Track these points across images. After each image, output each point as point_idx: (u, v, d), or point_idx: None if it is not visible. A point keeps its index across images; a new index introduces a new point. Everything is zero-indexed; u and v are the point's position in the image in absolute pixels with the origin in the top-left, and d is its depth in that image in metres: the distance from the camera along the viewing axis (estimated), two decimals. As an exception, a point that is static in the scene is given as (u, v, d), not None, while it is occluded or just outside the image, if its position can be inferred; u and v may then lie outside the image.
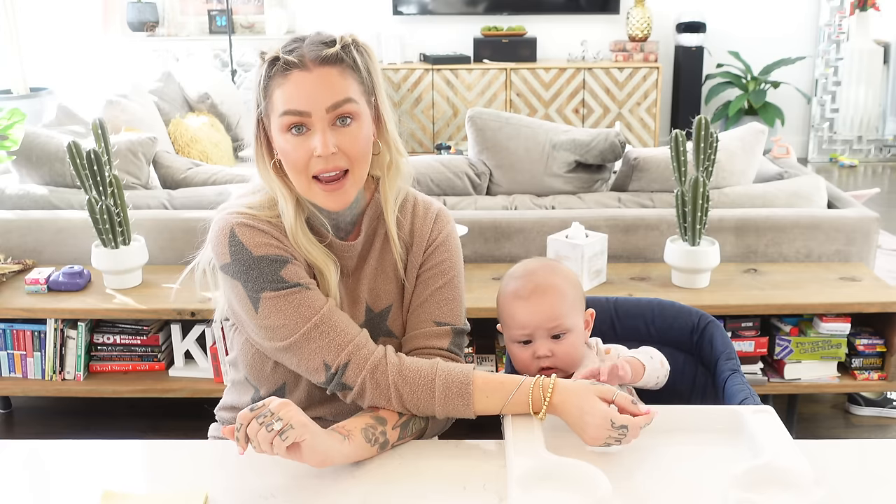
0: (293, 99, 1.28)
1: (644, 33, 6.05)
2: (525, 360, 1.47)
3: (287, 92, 1.28)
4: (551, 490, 1.17)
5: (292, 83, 1.28)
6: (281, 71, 1.29)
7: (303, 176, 1.31)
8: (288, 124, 1.29)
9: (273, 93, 1.29)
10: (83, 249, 2.77)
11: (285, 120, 1.29)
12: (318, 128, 1.28)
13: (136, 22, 6.12)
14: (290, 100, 1.28)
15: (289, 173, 1.33)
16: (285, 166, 1.33)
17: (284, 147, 1.30)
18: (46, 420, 2.89)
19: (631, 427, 1.25)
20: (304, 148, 1.29)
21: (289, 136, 1.30)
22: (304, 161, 1.30)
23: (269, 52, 1.30)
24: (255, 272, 1.32)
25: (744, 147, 2.96)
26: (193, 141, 4.07)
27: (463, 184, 2.96)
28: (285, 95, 1.28)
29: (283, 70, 1.28)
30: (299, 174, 1.31)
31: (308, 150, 1.29)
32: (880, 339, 2.58)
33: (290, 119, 1.28)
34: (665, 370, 1.51)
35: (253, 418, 1.17)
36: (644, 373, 1.46)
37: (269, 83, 1.30)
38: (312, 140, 1.29)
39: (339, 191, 1.32)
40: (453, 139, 6.04)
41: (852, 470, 1.28)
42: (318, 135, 1.28)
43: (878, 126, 6.24)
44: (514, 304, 1.48)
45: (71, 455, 1.33)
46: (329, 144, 1.28)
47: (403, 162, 1.41)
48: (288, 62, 1.28)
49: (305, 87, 1.28)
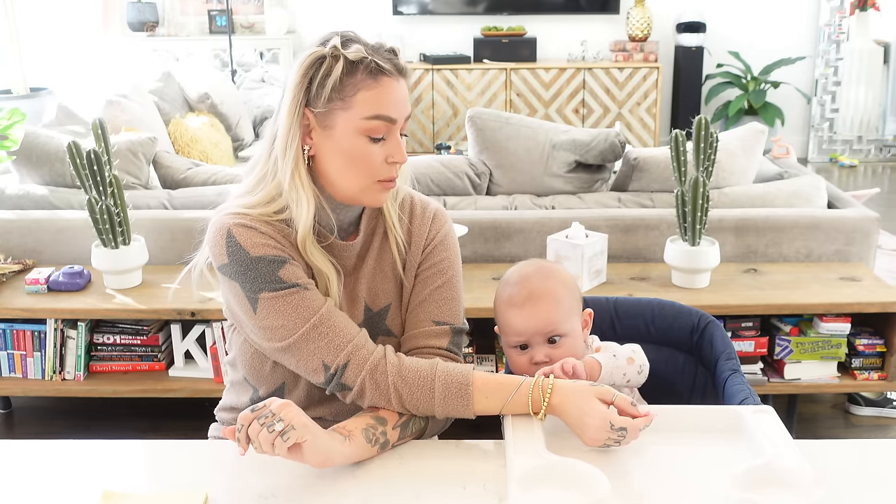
0: (387, 105, 1.30)
1: (644, 33, 6.05)
2: (523, 365, 1.47)
3: (379, 97, 1.29)
4: (551, 490, 1.17)
5: (385, 89, 1.30)
6: (371, 74, 1.29)
7: (366, 178, 1.33)
8: (375, 129, 1.30)
9: (356, 94, 1.29)
10: (83, 249, 2.77)
11: (373, 124, 1.30)
12: (395, 135, 1.33)
13: (136, 22, 6.12)
14: (384, 106, 1.30)
15: (344, 172, 1.33)
16: (345, 167, 1.32)
17: (356, 149, 1.31)
18: (46, 420, 2.89)
19: (630, 429, 1.25)
20: (383, 153, 1.32)
21: (365, 139, 1.31)
22: (377, 165, 1.33)
23: (350, 51, 1.29)
24: (252, 273, 1.32)
25: (744, 147, 2.96)
26: (193, 141, 4.07)
27: (463, 184, 2.96)
28: (377, 100, 1.29)
29: (373, 73, 1.29)
30: (363, 176, 1.33)
31: (384, 155, 1.32)
32: (880, 339, 2.58)
33: (379, 124, 1.30)
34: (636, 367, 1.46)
35: (254, 419, 1.17)
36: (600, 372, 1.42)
37: (349, 81, 1.29)
38: (389, 147, 1.33)
39: (390, 190, 1.37)
40: (453, 139, 6.04)
41: (852, 470, 1.28)
42: (396, 143, 1.33)
43: (878, 126, 6.24)
44: (509, 312, 1.47)
45: (71, 455, 1.33)
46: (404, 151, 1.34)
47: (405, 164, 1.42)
48: (381, 67, 1.29)
49: (397, 96, 1.31)
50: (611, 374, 1.43)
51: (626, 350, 1.48)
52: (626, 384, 1.46)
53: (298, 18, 6.23)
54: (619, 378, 1.44)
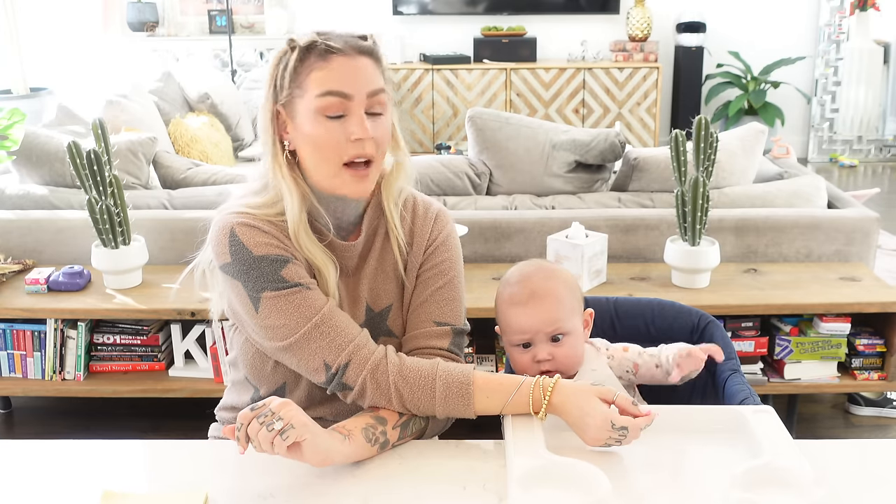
0: (337, 80, 1.28)
1: (644, 33, 6.05)
2: (525, 364, 1.47)
3: (329, 74, 1.28)
4: (551, 490, 1.17)
5: (335, 66, 1.29)
6: (321, 55, 1.29)
7: (333, 161, 1.31)
8: (328, 106, 1.29)
9: (308, 77, 1.29)
10: (83, 249, 2.77)
11: (324, 101, 1.28)
12: (356, 112, 1.30)
13: (136, 22, 6.12)
14: (333, 81, 1.28)
15: (313, 161, 1.33)
16: (311, 153, 1.32)
17: (316, 131, 1.30)
18: (46, 420, 2.89)
19: (631, 428, 1.25)
20: (341, 131, 1.29)
21: (323, 119, 1.29)
22: (338, 145, 1.30)
23: (301, 39, 1.30)
24: (255, 272, 1.32)
25: (744, 147, 2.96)
26: (193, 141, 4.07)
27: (463, 184, 2.96)
28: (327, 78, 1.28)
29: (322, 54, 1.29)
30: (329, 159, 1.31)
31: (344, 133, 1.29)
32: (880, 339, 2.58)
33: (330, 101, 1.28)
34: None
35: (253, 418, 1.17)
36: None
37: (301, 68, 1.30)
38: (349, 124, 1.29)
39: (365, 177, 1.33)
40: (453, 139, 6.04)
41: (852, 470, 1.28)
42: (355, 118, 1.29)
43: (878, 126, 6.24)
44: (512, 311, 1.47)
45: (71, 455, 1.33)
46: (368, 128, 1.29)
47: (407, 161, 1.42)
48: (330, 47, 1.28)
49: (349, 71, 1.29)
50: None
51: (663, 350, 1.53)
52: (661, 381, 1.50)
53: (298, 18, 6.23)
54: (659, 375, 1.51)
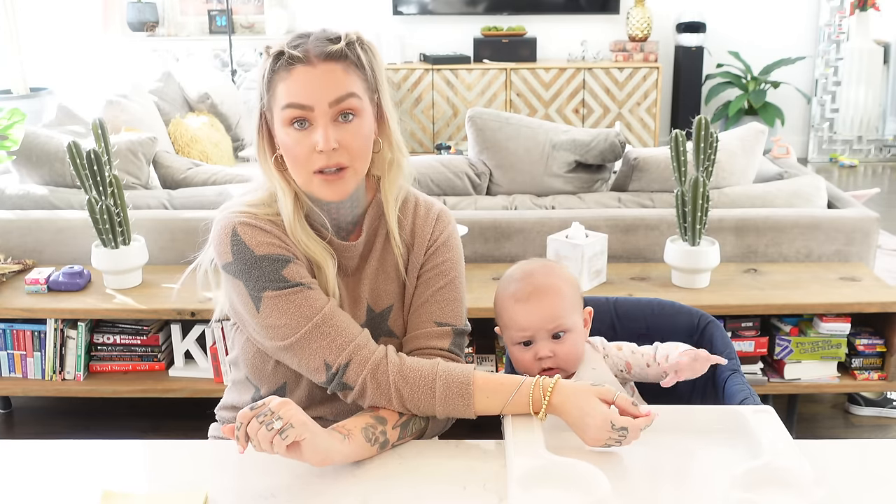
0: (296, 93, 1.28)
1: (644, 33, 6.05)
2: (526, 361, 1.47)
3: (290, 86, 1.29)
4: (551, 490, 1.17)
5: (296, 77, 1.28)
6: (285, 65, 1.29)
7: (304, 170, 1.31)
8: (290, 118, 1.29)
9: (276, 86, 1.30)
10: (83, 249, 2.77)
11: (287, 113, 1.29)
12: (319, 123, 1.29)
13: (136, 22, 6.12)
14: (293, 93, 1.28)
15: (289, 167, 1.34)
16: (286, 160, 1.33)
17: (286, 141, 1.31)
18: (46, 420, 2.89)
19: (631, 429, 1.25)
20: (306, 143, 1.29)
21: (291, 129, 1.30)
22: (306, 155, 1.30)
23: (274, 47, 1.31)
24: (256, 271, 1.32)
25: (744, 147, 2.96)
26: (193, 141, 4.07)
27: (463, 184, 2.96)
28: (288, 89, 1.29)
29: (287, 64, 1.29)
30: (300, 168, 1.31)
31: (310, 144, 1.29)
32: (880, 339, 2.58)
33: (293, 112, 1.29)
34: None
35: (253, 417, 1.17)
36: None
37: (273, 77, 1.30)
38: (314, 135, 1.29)
39: (338, 180, 1.32)
40: (453, 139, 6.04)
41: (852, 470, 1.28)
42: (319, 130, 1.28)
43: (878, 126, 6.24)
44: (514, 307, 1.47)
45: (71, 455, 1.33)
46: (330, 140, 1.28)
47: (405, 161, 1.42)
48: (292, 57, 1.28)
49: (309, 82, 1.28)
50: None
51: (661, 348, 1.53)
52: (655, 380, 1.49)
53: (298, 18, 6.23)
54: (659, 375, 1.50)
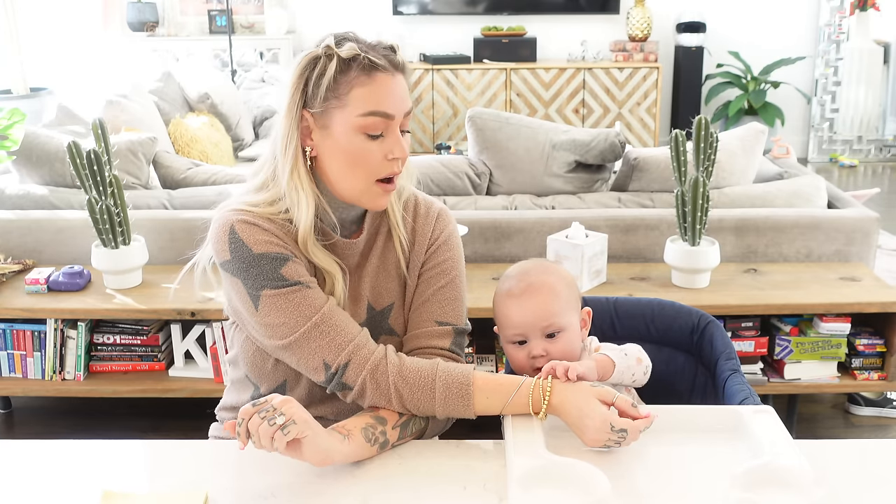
0: (382, 101, 1.29)
1: (644, 33, 6.05)
2: (521, 360, 1.47)
3: (374, 93, 1.29)
4: (551, 490, 1.17)
5: (380, 85, 1.29)
6: (364, 70, 1.28)
7: (365, 177, 1.33)
8: (371, 125, 1.30)
9: (350, 91, 1.29)
10: (83, 249, 2.77)
11: (369, 121, 1.29)
12: (394, 132, 1.31)
13: (136, 22, 6.12)
14: (380, 102, 1.29)
15: (343, 172, 1.33)
16: (343, 166, 1.32)
17: (353, 147, 1.30)
18: (46, 420, 2.89)
19: (630, 430, 1.25)
20: (379, 151, 1.31)
21: (363, 136, 1.30)
22: (377, 163, 1.32)
23: (343, 49, 1.28)
24: (255, 270, 1.32)
25: (744, 147, 2.96)
26: (193, 141, 4.07)
27: (463, 184, 2.96)
28: (372, 96, 1.29)
29: (366, 69, 1.28)
30: (364, 176, 1.32)
31: (382, 152, 1.31)
32: (880, 339, 2.58)
33: (376, 121, 1.29)
34: (643, 368, 1.46)
35: (255, 413, 1.17)
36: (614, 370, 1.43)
37: (343, 79, 1.29)
38: (388, 144, 1.31)
39: (392, 192, 1.37)
40: (453, 139, 6.04)
41: (852, 470, 1.28)
42: (396, 138, 1.31)
43: (878, 126, 6.24)
44: (508, 304, 1.47)
45: (71, 455, 1.33)
46: (405, 148, 1.33)
47: (409, 163, 1.42)
48: (374, 63, 1.28)
49: (394, 91, 1.30)
50: (622, 373, 1.43)
51: (634, 349, 1.48)
52: (632, 384, 1.47)
53: (298, 18, 6.23)
54: (627, 378, 1.44)
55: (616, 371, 1.42)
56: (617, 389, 1.35)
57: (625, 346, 1.49)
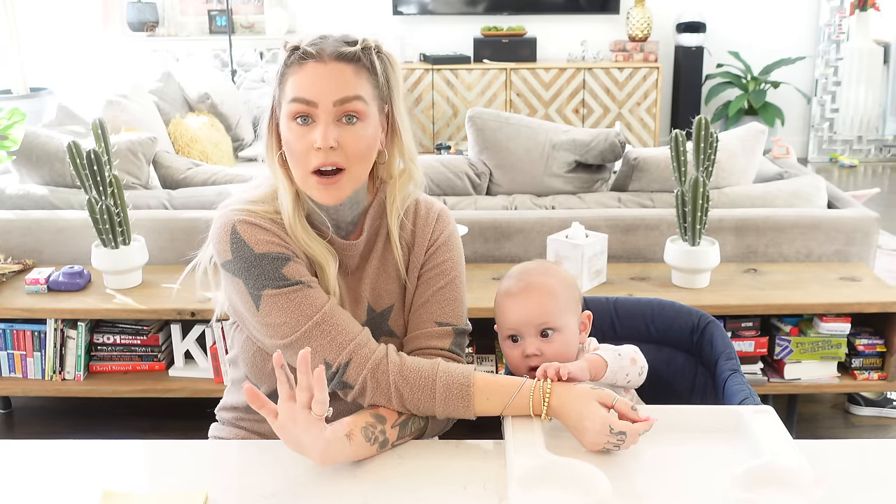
0: (303, 87, 1.30)
1: (644, 33, 6.05)
2: (515, 358, 1.48)
3: (299, 80, 1.30)
4: (551, 490, 1.17)
5: (306, 72, 1.30)
6: (298, 60, 1.31)
7: (301, 167, 1.32)
8: (295, 112, 1.30)
9: (287, 80, 1.32)
10: (83, 249, 2.77)
11: (293, 107, 1.30)
12: (322, 120, 1.30)
13: (136, 22, 6.12)
14: (300, 88, 1.30)
15: (290, 164, 1.34)
16: (287, 155, 1.34)
17: (288, 136, 1.32)
18: (46, 420, 2.89)
19: (630, 433, 1.25)
20: (307, 139, 1.30)
21: (294, 124, 1.31)
22: (305, 152, 1.30)
23: (292, 42, 1.33)
24: (256, 270, 1.32)
25: (744, 147, 2.96)
26: (193, 141, 4.07)
27: (463, 184, 2.96)
28: (297, 83, 1.30)
29: (300, 59, 1.31)
30: (298, 165, 1.32)
31: (310, 141, 1.30)
32: (880, 339, 2.58)
33: (297, 107, 1.30)
34: (638, 369, 1.46)
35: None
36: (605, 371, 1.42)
37: (286, 71, 1.33)
38: (314, 132, 1.29)
39: (333, 185, 1.32)
40: (453, 139, 6.04)
41: (852, 470, 1.28)
42: (320, 127, 1.29)
43: (878, 126, 6.24)
44: (506, 301, 1.48)
45: (71, 455, 1.33)
46: (329, 138, 1.28)
47: (417, 172, 1.43)
48: (306, 52, 1.30)
49: (317, 78, 1.30)
50: (615, 373, 1.42)
51: (628, 350, 1.48)
52: (626, 384, 1.46)
53: (298, 18, 6.23)
54: (621, 378, 1.44)
55: (608, 371, 1.41)
56: (615, 391, 1.35)
57: (621, 346, 1.49)
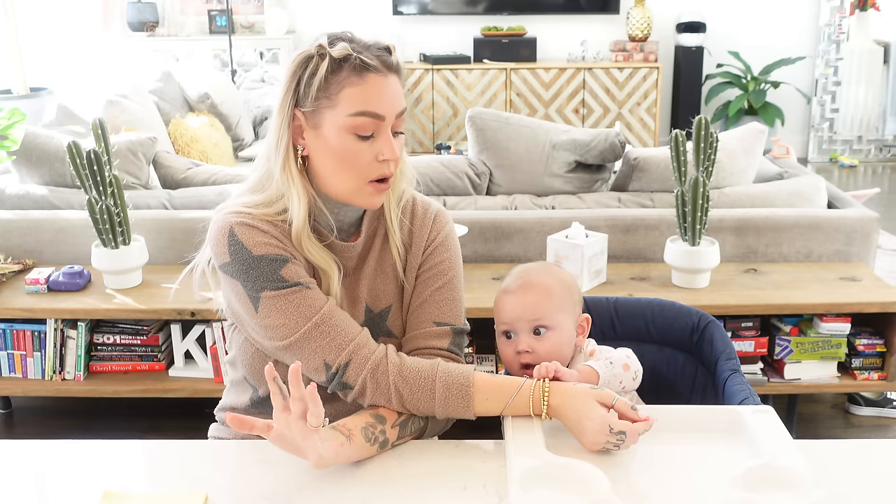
0: (372, 101, 1.28)
1: (644, 33, 6.05)
2: (508, 355, 1.49)
3: (365, 93, 1.28)
4: (551, 490, 1.17)
5: (371, 85, 1.28)
6: (355, 70, 1.28)
7: (358, 178, 1.32)
8: (359, 125, 1.29)
9: (341, 91, 1.28)
10: (83, 249, 2.77)
11: (359, 121, 1.28)
12: (385, 133, 1.30)
13: (136, 22, 6.12)
14: (369, 102, 1.28)
15: (334, 172, 1.32)
16: (334, 166, 1.31)
17: (343, 148, 1.30)
18: (46, 420, 2.89)
19: (629, 433, 1.25)
20: (371, 151, 1.30)
21: (353, 137, 1.29)
22: (367, 164, 1.31)
23: (334, 49, 1.28)
24: (254, 271, 1.32)
25: (744, 147, 2.96)
26: (193, 141, 4.07)
27: (463, 184, 2.96)
28: (362, 97, 1.28)
29: (357, 70, 1.28)
30: (355, 176, 1.31)
31: (374, 153, 1.30)
32: (880, 339, 2.58)
33: (365, 121, 1.29)
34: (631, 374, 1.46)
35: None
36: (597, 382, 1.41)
37: (333, 79, 1.28)
38: (378, 145, 1.30)
39: (385, 192, 1.36)
40: (453, 139, 6.04)
41: (852, 470, 1.28)
42: (386, 140, 1.30)
43: (878, 126, 6.24)
44: (503, 298, 1.50)
45: (71, 455, 1.33)
46: (396, 150, 1.31)
47: (408, 167, 1.43)
48: (365, 63, 1.28)
49: (385, 91, 1.29)
50: (608, 382, 1.42)
51: (620, 356, 1.47)
52: (621, 391, 1.46)
53: (298, 18, 6.23)
54: (615, 386, 1.43)
55: (601, 382, 1.42)
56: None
57: (612, 352, 1.48)
